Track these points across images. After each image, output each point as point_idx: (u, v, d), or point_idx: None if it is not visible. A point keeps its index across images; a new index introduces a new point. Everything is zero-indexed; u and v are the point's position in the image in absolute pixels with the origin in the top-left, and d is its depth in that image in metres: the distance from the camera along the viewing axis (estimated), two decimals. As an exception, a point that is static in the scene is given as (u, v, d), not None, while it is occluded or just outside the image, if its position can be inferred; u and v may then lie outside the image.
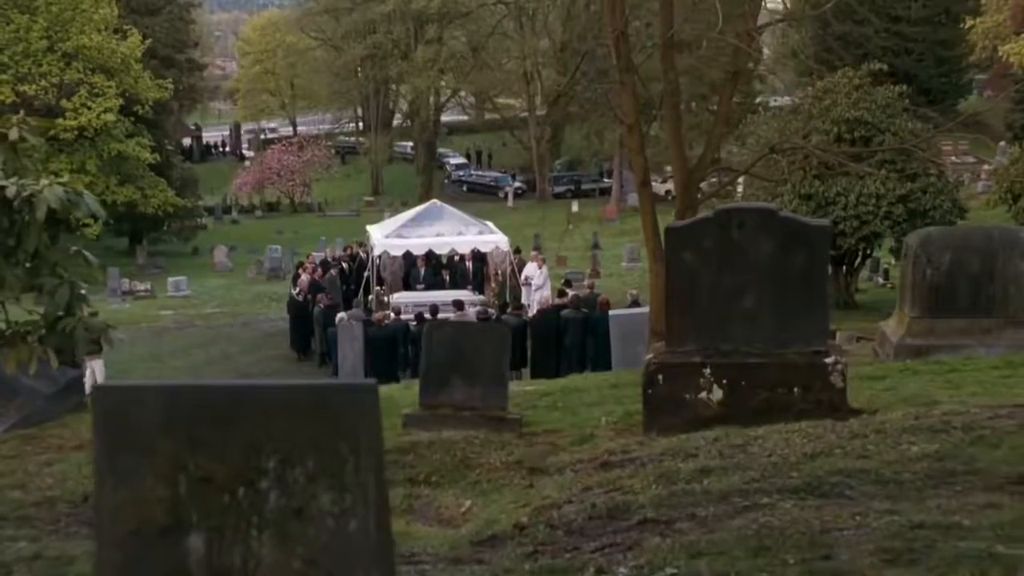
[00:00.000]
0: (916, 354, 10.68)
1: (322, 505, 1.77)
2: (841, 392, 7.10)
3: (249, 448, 1.77)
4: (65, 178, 4.88)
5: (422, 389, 7.42)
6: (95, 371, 21.01)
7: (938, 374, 8.66)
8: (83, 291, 4.94)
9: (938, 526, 3.27)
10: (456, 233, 25.82)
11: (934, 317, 11.13)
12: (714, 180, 33.43)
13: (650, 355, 7.49)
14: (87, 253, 4.83)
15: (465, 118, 67.45)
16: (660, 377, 7.28)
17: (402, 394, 9.58)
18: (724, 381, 7.23)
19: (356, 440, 1.79)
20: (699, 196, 14.35)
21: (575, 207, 51.53)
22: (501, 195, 56.18)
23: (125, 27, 38.64)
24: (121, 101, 36.43)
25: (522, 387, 11.02)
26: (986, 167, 41.26)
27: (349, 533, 1.77)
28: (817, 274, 7.24)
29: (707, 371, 7.24)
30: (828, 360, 7.12)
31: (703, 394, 7.25)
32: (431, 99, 58.28)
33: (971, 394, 7.48)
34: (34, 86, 34.66)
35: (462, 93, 59.89)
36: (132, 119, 37.70)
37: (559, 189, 56.92)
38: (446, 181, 61.44)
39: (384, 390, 11.82)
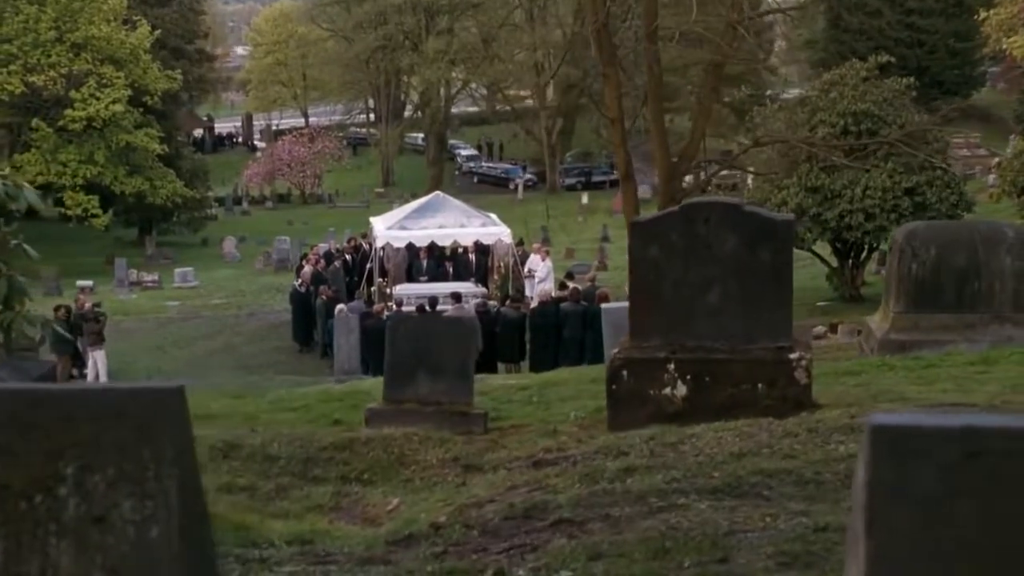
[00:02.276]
0: (900, 349, 10.60)
1: (123, 513, 1.76)
2: (805, 388, 7.05)
3: (48, 453, 1.76)
4: (5, 170, 4.85)
5: (386, 384, 7.41)
6: (97, 362, 21.17)
7: (913, 370, 8.59)
8: (24, 285, 4.92)
9: (843, 528, 3.23)
10: (459, 225, 25.81)
11: (918, 312, 11.04)
12: (725, 173, 33.20)
13: (615, 350, 7.46)
14: (28, 247, 4.82)
15: (476, 109, 67.34)
16: (624, 372, 7.24)
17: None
18: (688, 377, 7.18)
19: (158, 445, 1.77)
20: (687, 186, 14.32)
21: (585, 199, 51.49)
22: (511, 187, 56.17)
23: (134, 18, 38.79)
24: (130, 92, 36.59)
25: (504, 380, 11.01)
26: (995, 160, 40.88)
27: (150, 541, 1.76)
28: (782, 269, 7.18)
29: (671, 367, 7.20)
30: (792, 356, 7.07)
31: (667, 390, 7.21)
32: (442, 90, 58.24)
33: (942, 391, 7.42)
34: (43, 76, 34.80)
35: (473, 85, 59.82)
36: (141, 110, 37.85)
37: (570, 181, 56.83)
38: (457, 172, 61.43)
39: (370, 383, 11.83)
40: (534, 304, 21.59)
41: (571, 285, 22.21)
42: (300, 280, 24.51)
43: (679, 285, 7.19)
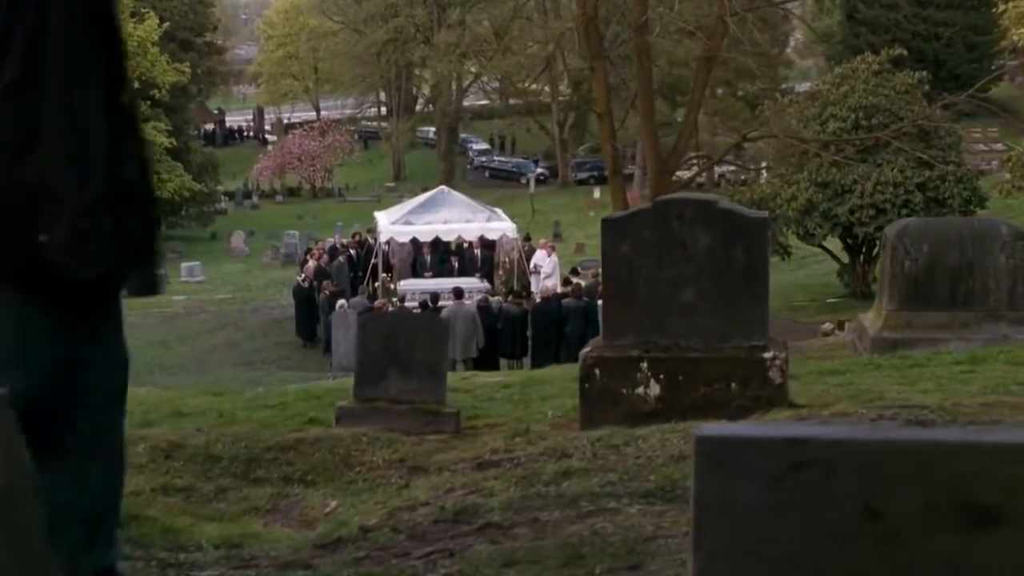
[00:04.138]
0: (893, 347, 10.47)
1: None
2: (780, 388, 6.93)
3: None
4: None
5: (357, 381, 7.33)
6: (98, 356, 21.23)
7: (899, 369, 8.46)
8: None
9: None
10: (464, 220, 25.75)
11: (911, 310, 10.90)
12: (735, 168, 32.92)
13: (587, 349, 7.38)
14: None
15: (488, 103, 67.12)
16: (597, 371, 7.15)
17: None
18: (662, 376, 7.08)
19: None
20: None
21: (597, 193, 51.31)
22: (523, 181, 56.04)
23: (142, 10, 38.84)
24: (137, 85, 36.62)
25: (489, 378, 10.94)
26: (1007, 155, 40.41)
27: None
28: (757, 267, 7.06)
29: (644, 365, 7.10)
30: (766, 355, 6.94)
31: (640, 389, 7.11)
32: (453, 84, 58.12)
33: (923, 391, 7.30)
34: (50, 71, 34.79)
35: (484, 78, 59.63)
36: (148, 103, 37.89)
37: (582, 175, 56.58)
38: (468, 167, 61.32)
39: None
40: (536, 300, 21.54)
41: (574, 281, 22.13)
42: (304, 275, 24.53)
43: (652, 283, 7.08)
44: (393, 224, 25.46)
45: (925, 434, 1.63)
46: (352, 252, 26.83)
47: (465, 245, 26.16)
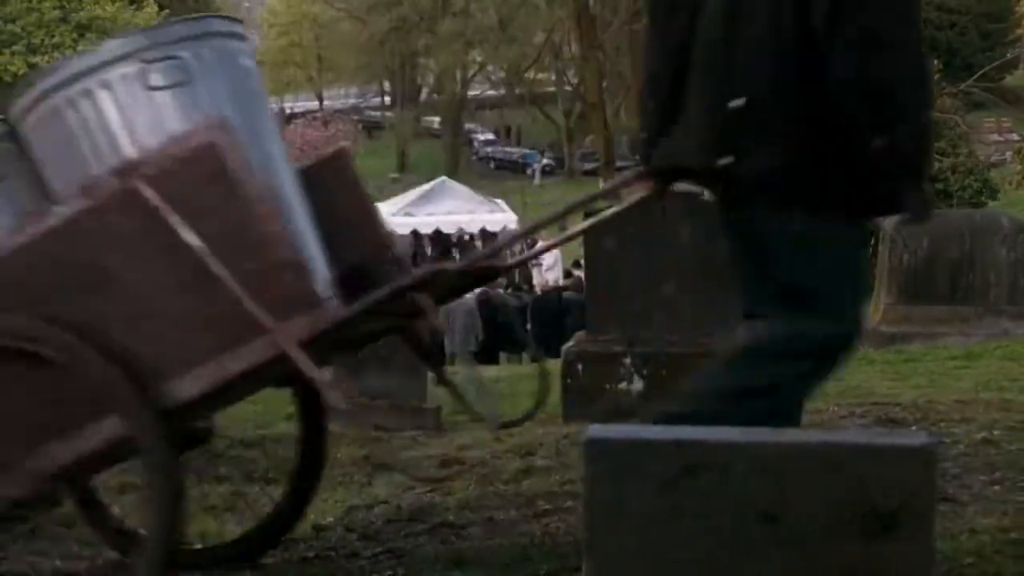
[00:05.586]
0: (890, 342, 10.33)
1: None
2: (764, 384, 6.83)
3: None
4: None
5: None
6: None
7: (892, 364, 8.36)
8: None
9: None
10: (465, 212, 25.65)
11: (910, 304, 10.77)
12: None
13: (569, 343, 7.30)
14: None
15: (494, 93, 66.78)
16: (579, 366, 7.06)
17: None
18: (644, 371, 6.98)
19: None
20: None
21: (602, 184, 51.07)
22: (529, 172, 55.83)
23: (141, -3, 38.54)
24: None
25: (480, 373, 10.84)
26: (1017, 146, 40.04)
27: None
28: (742, 261, 6.95)
29: (627, 360, 7.00)
30: (752, 351, 6.84)
31: (623, 384, 7.02)
32: (458, 73, 57.85)
33: (914, 386, 7.20)
34: (47, 58, 34.43)
35: (489, 67, 59.31)
36: (150, 94, 37.63)
37: (589, 166, 56.27)
38: (473, 157, 60.98)
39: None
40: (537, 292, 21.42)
41: (575, 273, 21.99)
42: (304, 267, 24.47)
43: (635, 277, 6.98)
44: (393, 216, 25.35)
45: (825, 437, 1.57)
46: (353, 244, 26.75)
47: (466, 237, 26.06)
